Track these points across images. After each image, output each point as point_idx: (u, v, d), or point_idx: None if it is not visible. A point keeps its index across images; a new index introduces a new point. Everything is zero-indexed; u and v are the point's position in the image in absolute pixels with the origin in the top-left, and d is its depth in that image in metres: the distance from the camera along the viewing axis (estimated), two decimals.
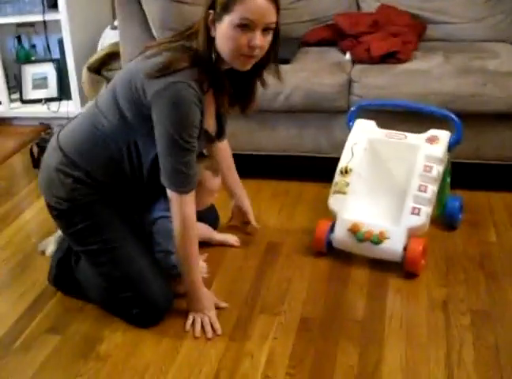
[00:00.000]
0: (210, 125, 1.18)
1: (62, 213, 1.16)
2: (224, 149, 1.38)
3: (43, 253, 1.39)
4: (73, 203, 1.14)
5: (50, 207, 1.18)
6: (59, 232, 1.35)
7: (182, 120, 1.03)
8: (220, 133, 1.26)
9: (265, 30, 1.02)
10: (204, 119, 1.09)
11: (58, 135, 1.18)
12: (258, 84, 1.15)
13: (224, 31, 1.01)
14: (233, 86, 1.11)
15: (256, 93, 1.16)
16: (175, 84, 1.01)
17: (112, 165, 1.13)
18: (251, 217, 1.44)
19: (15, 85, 2.34)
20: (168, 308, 1.18)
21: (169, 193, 1.10)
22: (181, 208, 1.09)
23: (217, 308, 1.19)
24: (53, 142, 1.18)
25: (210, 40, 1.03)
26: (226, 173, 1.38)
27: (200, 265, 1.20)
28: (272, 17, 1.01)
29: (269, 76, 1.15)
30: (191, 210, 1.11)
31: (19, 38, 2.29)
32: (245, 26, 0.99)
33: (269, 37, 1.04)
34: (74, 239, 1.18)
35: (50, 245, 1.36)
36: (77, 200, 1.14)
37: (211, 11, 1.02)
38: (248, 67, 1.06)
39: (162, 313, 1.17)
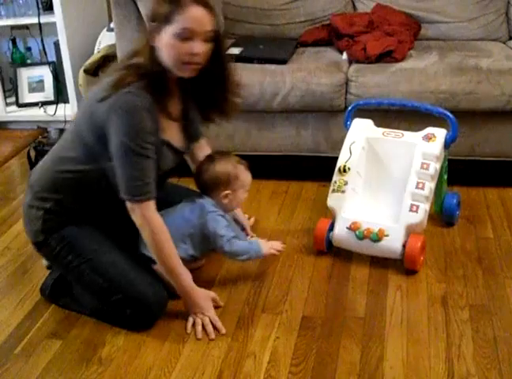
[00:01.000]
0: (174, 137, 1.18)
1: (41, 245, 1.20)
2: (205, 151, 1.36)
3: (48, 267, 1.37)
4: (47, 233, 1.18)
5: (33, 244, 1.23)
6: None
7: (134, 126, 1.06)
8: (191, 141, 1.26)
9: (205, 38, 1.08)
10: (160, 128, 1.10)
11: (31, 173, 1.24)
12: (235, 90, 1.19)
13: (165, 42, 1.06)
14: (199, 95, 1.16)
15: (225, 100, 1.19)
16: (124, 94, 1.06)
17: (82, 192, 1.16)
18: (248, 229, 1.44)
19: (10, 89, 2.33)
20: (161, 304, 1.17)
21: (129, 206, 1.10)
22: (145, 218, 1.09)
23: (216, 307, 1.20)
24: (28, 180, 1.24)
25: (153, 51, 1.07)
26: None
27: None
28: (210, 26, 1.07)
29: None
30: (157, 218, 1.11)
31: (14, 41, 2.28)
32: (185, 35, 1.05)
33: (209, 45, 1.10)
34: (58, 264, 1.22)
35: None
36: (50, 229, 1.18)
37: (152, 23, 1.06)
38: (192, 74, 1.11)
39: (156, 310, 1.16)
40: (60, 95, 2.26)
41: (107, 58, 1.97)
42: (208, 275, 1.31)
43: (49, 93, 2.28)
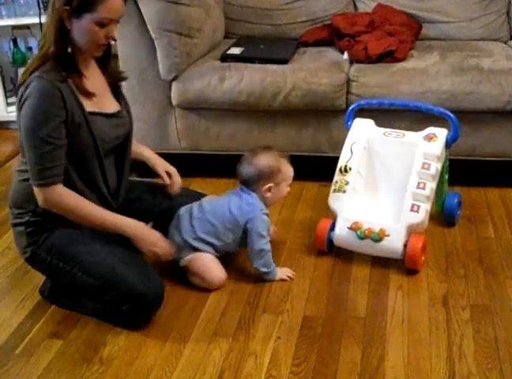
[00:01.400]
0: (105, 103, 1.20)
1: (32, 259, 1.22)
2: None
3: None
4: (33, 246, 1.20)
5: (26, 261, 1.24)
6: None
7: (36, 111, 1.08)
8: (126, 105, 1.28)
9: (117, 21, 1.16)
10: (80, 103, 1.11)
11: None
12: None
13: (84, 27, 1.10)
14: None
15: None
16: (28, 82, 1.09)
17: None
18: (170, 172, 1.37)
19: (11, 89, 2.33)
20: (156, 295, 1.16)
21: (34, 189, 1.12)
22: (47, 202, 1.12)
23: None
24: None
25: (64, 33, 1.10)
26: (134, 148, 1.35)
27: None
28: (123, 11, 1.14)
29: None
30: (62, 200, 1.12)
31: (15, 40, 2.28)
32: (106, 23, 1.11)
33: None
34: (52, 273, 1.22)
35: None
36: (35, 242, 1.19)
37: (66, 7, 1.08)
38: (102, 53, 1.18)
39: (150, 302, 1.15)
40: None
41: None
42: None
43: None
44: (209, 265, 1.27)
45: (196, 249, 1.26)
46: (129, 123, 1.26)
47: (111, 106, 1.22)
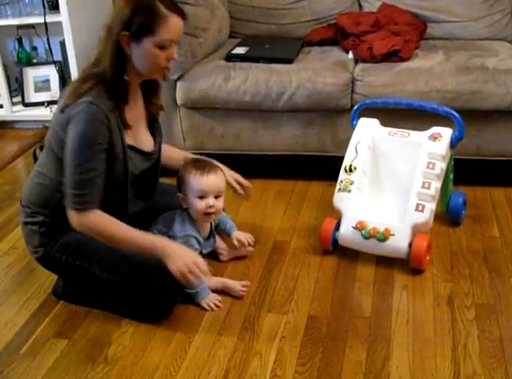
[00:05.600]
0: (142, 138, 1.20)
1: (43, 259, 1.22)
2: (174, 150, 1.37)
3: None
4: (46, 246, 1.20)
5: (37, 260, 1.24)
6: None
7: (83, 137, 1.07)
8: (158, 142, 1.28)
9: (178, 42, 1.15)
10: (123, 133, 1.12)
11: (22, 193, 1.26)
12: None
13: (144, 51, 1.09)
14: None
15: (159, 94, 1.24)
16: (81, 104, 1.08)
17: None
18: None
19: (16, 88, 2.34)
20: (178, 287, 1.16)
21: (68, 211, 1.11)
22: (82, 225, 1.11)
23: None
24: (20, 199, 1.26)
25: (122, 58, 1.10)
26: (174, 158, 1.32)
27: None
28: (183, 31, 1.14)
29: None
30: (95, 223, 1.11)
31: (20, 40, 2.29)
32: (167, 45, 1.11)
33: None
34: (67, 272, 1.23)
35: None
36: (48, 242, 1.20)
37: (126, 32, 1.07)
38: (165, 76, 1.17)
39: (174, 293, 1.17)
40: None
41: None
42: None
43: (55, 93, 2.28)
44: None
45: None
46: (158, 155, 1.25)
47: (147, 142, 1.21)
